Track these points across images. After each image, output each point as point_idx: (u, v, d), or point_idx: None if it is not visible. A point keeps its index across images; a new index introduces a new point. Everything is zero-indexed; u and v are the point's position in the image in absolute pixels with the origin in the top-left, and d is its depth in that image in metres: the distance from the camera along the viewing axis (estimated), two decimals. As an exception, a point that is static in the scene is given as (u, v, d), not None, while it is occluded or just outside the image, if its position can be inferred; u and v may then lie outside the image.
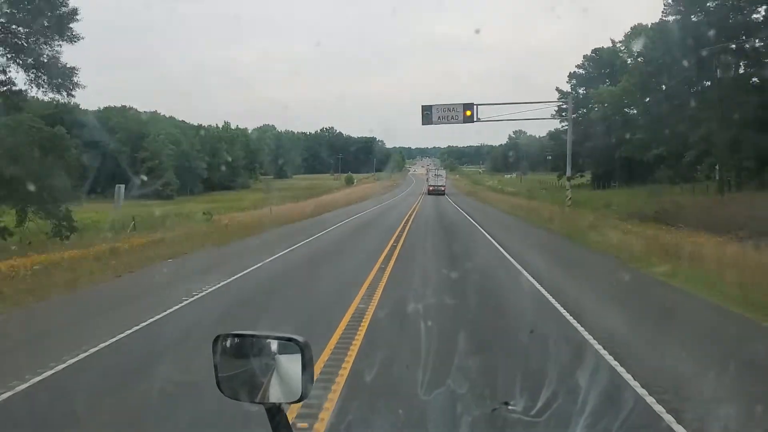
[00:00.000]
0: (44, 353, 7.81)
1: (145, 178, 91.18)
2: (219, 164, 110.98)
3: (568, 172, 30.79)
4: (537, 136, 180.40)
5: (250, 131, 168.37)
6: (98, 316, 10.75)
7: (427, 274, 14.25)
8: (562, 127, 77.06)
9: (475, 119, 28.13)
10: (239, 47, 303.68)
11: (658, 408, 5.95)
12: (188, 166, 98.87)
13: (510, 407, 4.95)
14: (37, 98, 29.76)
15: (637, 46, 67.93)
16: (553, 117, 69.99)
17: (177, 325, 9.80)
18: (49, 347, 8.30)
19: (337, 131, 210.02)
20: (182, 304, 11.14)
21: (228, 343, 2.04)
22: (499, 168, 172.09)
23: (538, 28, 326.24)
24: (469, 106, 27.87)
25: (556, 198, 50.80)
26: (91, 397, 6.52)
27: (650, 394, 6.31)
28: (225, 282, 13.57)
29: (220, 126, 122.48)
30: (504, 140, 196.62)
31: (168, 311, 10.60)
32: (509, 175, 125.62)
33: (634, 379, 6.78)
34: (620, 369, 7.14)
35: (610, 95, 57.22)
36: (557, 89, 74.81)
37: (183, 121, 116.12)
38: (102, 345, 8.34)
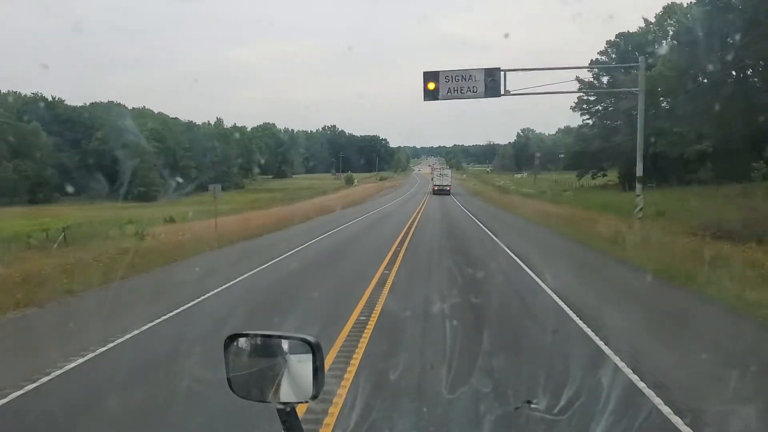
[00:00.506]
0: None
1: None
2: (210, 163, 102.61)
3: (639, 171, 21.36)
4: (547, 134, 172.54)
5: (249, 129, 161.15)
6: None
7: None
8: (583, 121, 68.20)
9: (502, 92, 19.29)
10: (240, 46, 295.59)
11: None
12: (176, 165, 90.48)
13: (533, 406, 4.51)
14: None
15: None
16: (595, 87, 61.37)
17: None
18: None
19: (340, 129, 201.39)
20: None
21: (240, 343, 2.01)
22: (507, 167, 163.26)
23: (553, 24, 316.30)
24: (493, 72, 19.04)
25: (581, 200, 41.95)
26: None
27: None
28: None
29: (212, 123, 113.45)
30: (511, 139, 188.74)
31: None
32: (520, 175, 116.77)
33: None
34: None
35: (645, 81, 48.06)
36: (577, 78, 65.73)
37: (176, 118, 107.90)
38: None
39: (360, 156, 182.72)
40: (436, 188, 68.60)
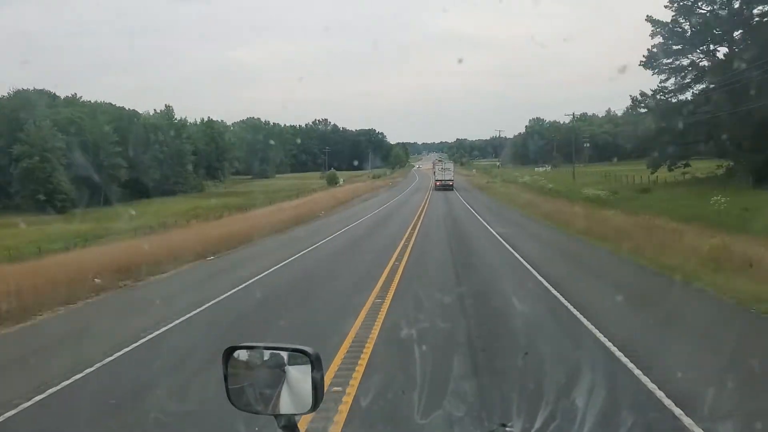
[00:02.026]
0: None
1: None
2: (156, 162, 78.97)
3: None
4: (562, 122, 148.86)
5: (228, 124, 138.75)
6: None
7: None
8: (659, 84, 44.10)
9: None
10: (238, 45, 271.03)
11: None
12: (99, 164, 67.12)
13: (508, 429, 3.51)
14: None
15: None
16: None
17: None
18: None
19: (332, 123, 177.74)
20: None
21: (238, 355, 1.94)
22: (518, 160, 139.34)
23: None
24: None
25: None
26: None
27: None
28: None
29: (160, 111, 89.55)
30: (517, 131, 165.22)
31: None
32: (542, 168, 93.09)
33: None
34: None
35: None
36: (649, 18, 41.92)
37: (109, 103, 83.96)
38: None
39: (354, 152, 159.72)
40: (438, 183, 64.34)
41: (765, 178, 32.01)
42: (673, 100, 42.31)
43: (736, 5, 39.00)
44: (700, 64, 42.30)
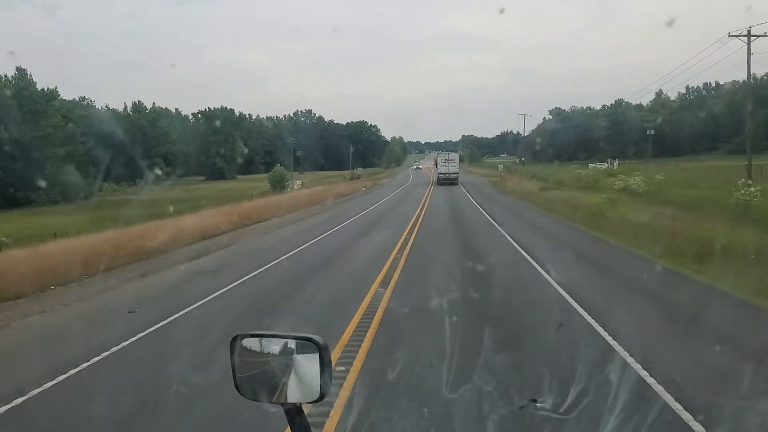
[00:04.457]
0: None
1: None
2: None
3: None
4: (594, 108, 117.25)
5: (186, 115, 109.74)
6: None
7: None
8: None
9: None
10: (235, 44, 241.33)
11: None
12: None
13: (538, 404, 4.20)
14: None
15: None
16: None
17: None
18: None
19: (318, 115, 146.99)
20: None
21: (246, 344, 1.87)
22: (541, 156, 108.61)
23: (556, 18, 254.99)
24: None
25: None
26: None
27: None
28: None
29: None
30: (525, 126, 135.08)
31: None
32: (599, 165, 62.24)
33: None
34: None
35: None
36: None
37: None
38: None
39: (342, 148, 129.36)
40: (441, 177, 55.73)
41: None
42: None
43: None
44: None
